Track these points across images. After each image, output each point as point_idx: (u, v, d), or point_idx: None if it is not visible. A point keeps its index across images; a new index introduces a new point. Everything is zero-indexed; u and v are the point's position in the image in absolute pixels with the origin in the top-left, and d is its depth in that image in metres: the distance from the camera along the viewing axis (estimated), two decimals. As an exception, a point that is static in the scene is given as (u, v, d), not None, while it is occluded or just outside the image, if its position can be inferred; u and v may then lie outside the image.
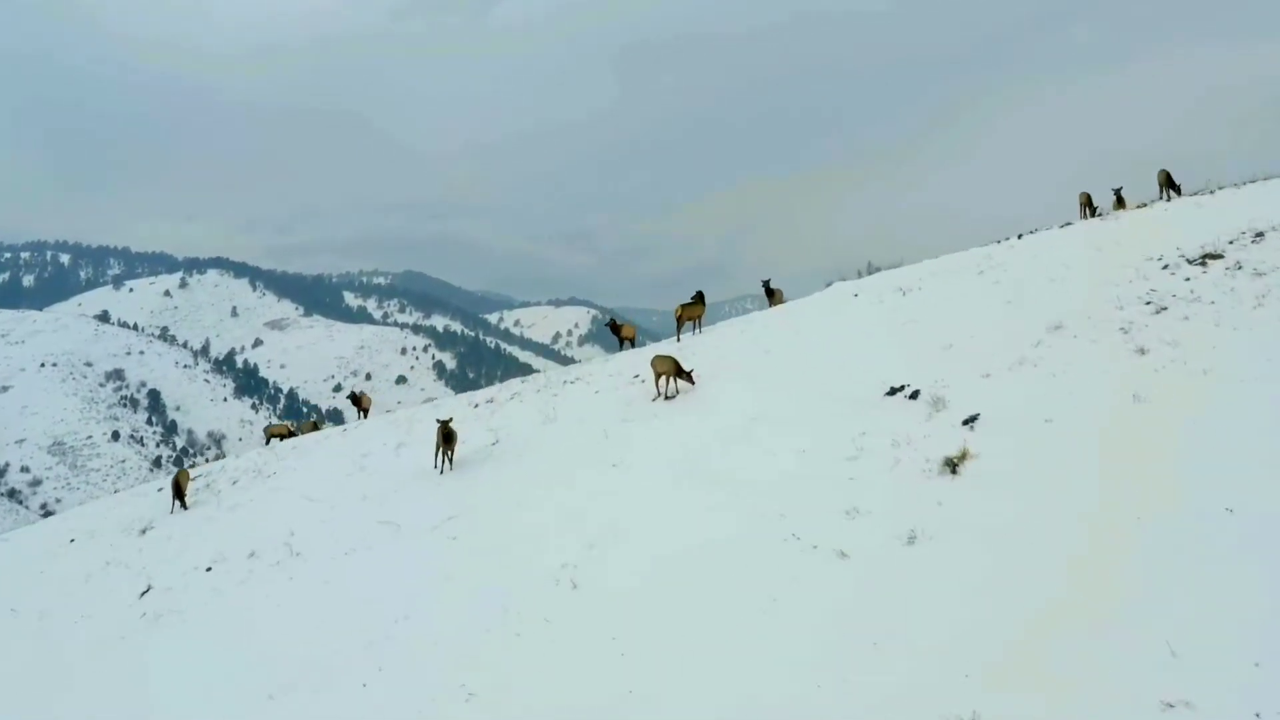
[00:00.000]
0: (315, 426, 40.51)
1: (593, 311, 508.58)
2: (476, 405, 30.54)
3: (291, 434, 40.37)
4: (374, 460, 27.28)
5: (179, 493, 28.03)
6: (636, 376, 27.10)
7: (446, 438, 23.92)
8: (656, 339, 37.58)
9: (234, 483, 29.90)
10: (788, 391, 21.72)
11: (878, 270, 35.02)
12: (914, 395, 19.63)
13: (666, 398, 24.29)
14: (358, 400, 41.42)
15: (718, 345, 27.83)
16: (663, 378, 24.58)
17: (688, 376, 24.11)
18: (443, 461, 24.25)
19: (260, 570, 20.85)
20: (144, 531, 26.58)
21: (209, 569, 21.97)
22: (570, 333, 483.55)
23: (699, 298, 31.72)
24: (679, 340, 31.40)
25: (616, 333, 36.28)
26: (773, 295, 35.84)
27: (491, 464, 23.57)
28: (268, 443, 40.32)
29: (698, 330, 32.27)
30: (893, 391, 20.11)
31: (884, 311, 25.97)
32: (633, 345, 36.92)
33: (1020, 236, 31.33)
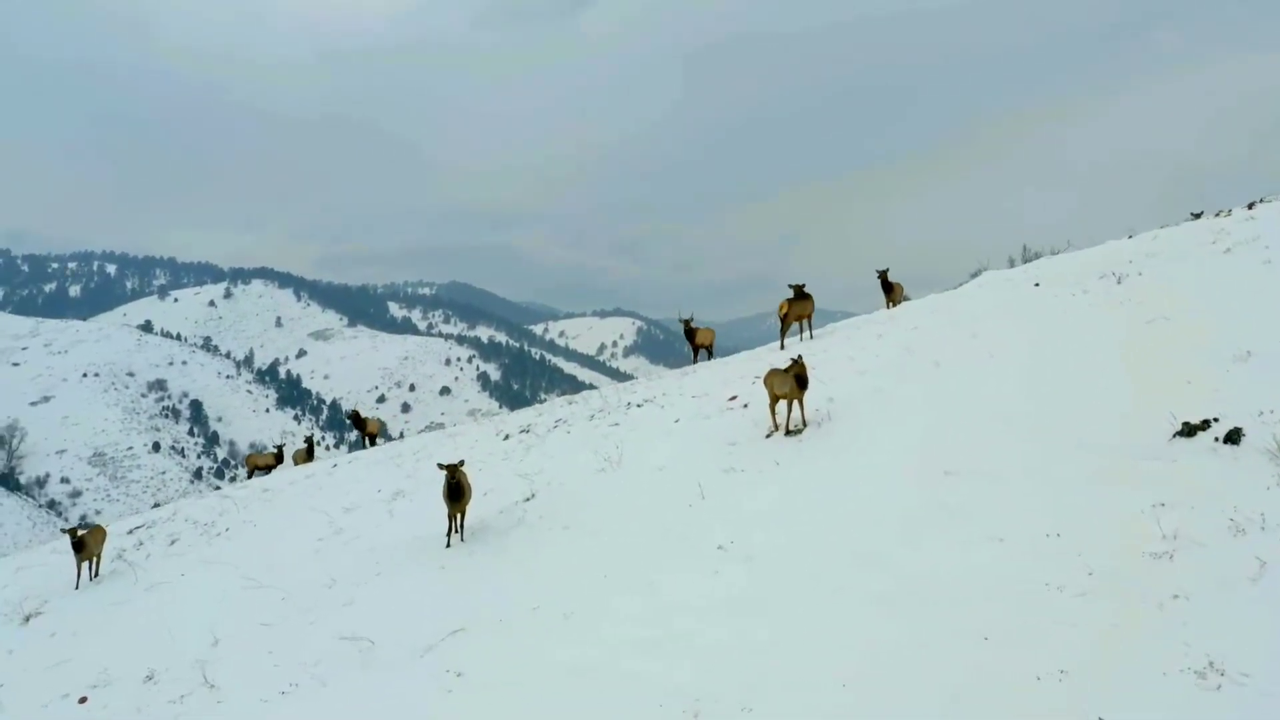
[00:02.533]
0: (309, 453, 32.42)
1: (638, 322, 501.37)
2: (507, 437, 22.43)
3: (276, 463, 32.36)
4: (358, 518, 19.18)
5: (84, 553, 19.95)
6: (734, 399, 18.98)
7: (453, 493, 15.75)
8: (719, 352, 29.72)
9: (172, 542, 21.83)
10: (990, 429, 13.44)
11: (1036, 255, 26.57)
12: (1233, 437, 11.38)
13: (789, 432, 16.04)
14: (360, 422, 33.31)
15: (847, 355, 19.58)
16: (782, 403, 16.42)
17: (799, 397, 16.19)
18: (450, 528, 16.08)
19: (153, 710, 12.73)
20: (28, 619, 18.44)
21: (82, 699, 13.87)
22: (615, 344, 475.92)
23: (803, 292, 23.32)
24: (783, 347, 23.14)
25: (691, 338, 28.14)
26: (891, 290, 27.63)
27: (522, 535, 15.49)
28: (250, 475, 32.37)
29: (807, 333, 23.90)
30: (1189, 431, 12.01)
31: (1099, 305, 17.71)
32: (709, 355, 28.78)
33: (1251, 206, 22.69)
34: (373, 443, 33.03)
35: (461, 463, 16.25)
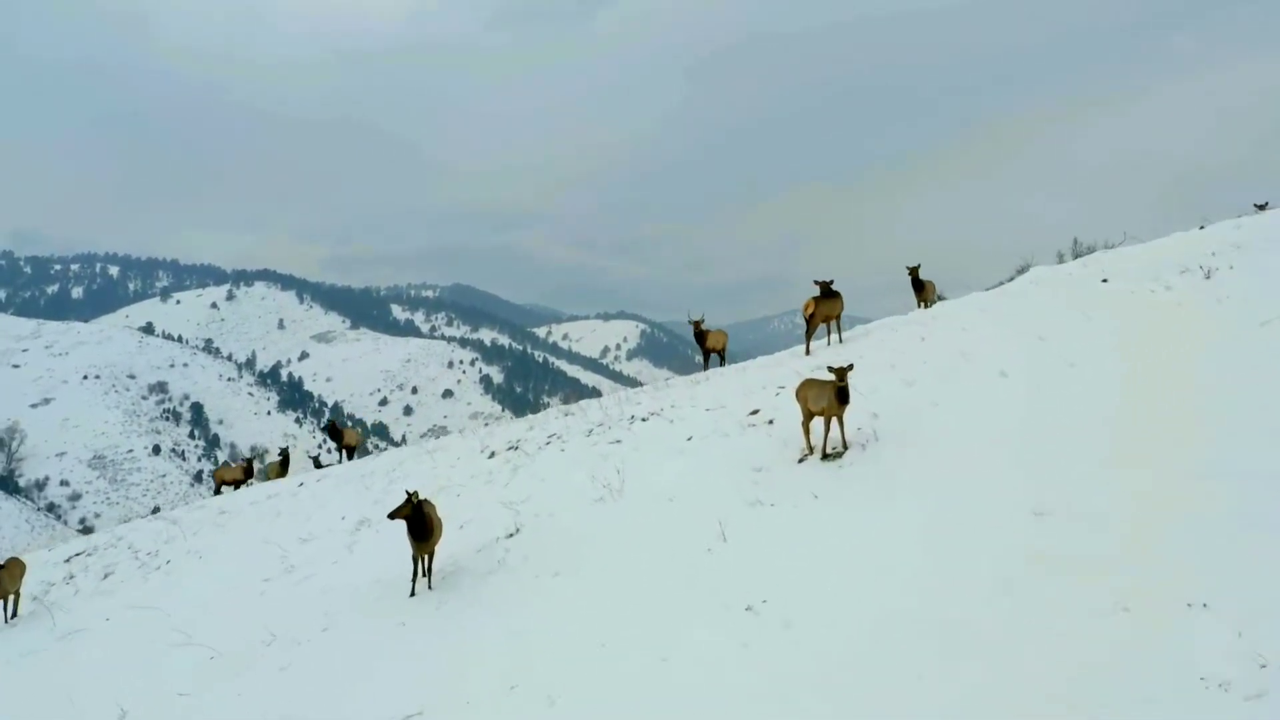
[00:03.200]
0: (284, 466, 29.57)
1: (641, 325, 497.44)
2: (493, 454, 19.56)
3: (246, 478, 29.53)
4: (315, 552, 16.39)
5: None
6: (755, 413, 16.12)
7: (417, 531, 12.94)
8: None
9: (105, 576, 19.02)
10: (1086, 456, 10.71)
11: (1089, 250, 23.71)
12: None
13: (826, 456, 13.23)
14: (337, 433, 30.51)
15: (887, 361, 16.68)
16: (818, 421, 13.63)
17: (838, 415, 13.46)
18: (416, 572, 13.25)
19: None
20: (-80, 672, 15.59)
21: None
22: (619, 346, 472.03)
23: (831, 290, 20.47)
24: (808, 352, 20.26)
25: (701, 341, 25.31)
26: (923, 288, 24.83)
27: (503, 582, 12.69)
28: (217, 490, 29.54)
29: (835, 335, 21.03)
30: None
31: (1190, 304, 14.95)
32: (722, 360, 25.94)
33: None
34: (350, 455, 30.23)
35: (415, 495, 13.37)
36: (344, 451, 30.34)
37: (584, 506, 14.24)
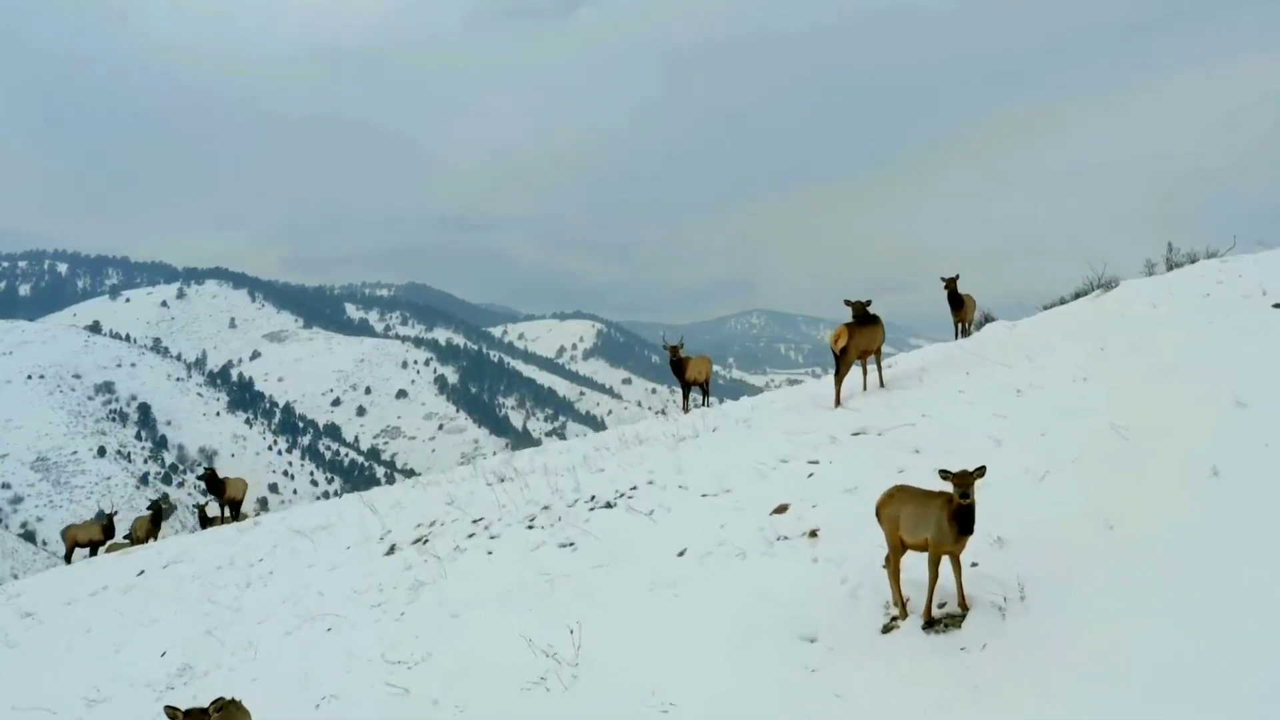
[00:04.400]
0: (154, 522, 23.63)
1: (598, 325, 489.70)
2: (392, 549, 13.59)
3: (104, 537, 23.56)
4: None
5: None
6: (782, 511, 10.45)
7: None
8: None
9: None
10: None
11: (1190, 259, 18.08)
12: None
13: (931, 623, 7.53)
14: (217, 484, 24.47)
15: (982, 430, 10.81)
16: (914, 555, 7.97)
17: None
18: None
19: None
20: None
21: None
22: (575, 346, 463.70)
23: (868, 314, 14.70)
24: (838, 402, 14.31)
25: (679, 372, 19.83)
26: (962, 306, 19.38)
27: None
28: (68, 555, 23.49)
29: (875, 378, 15.16)
30: None
31: None
32: (705, 395, 20.36)
33: None
34: (235, 511, 24.18)
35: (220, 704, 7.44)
36: (225, 507, 24.31)
37: (511, 695, 8.37)
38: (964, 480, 7.47)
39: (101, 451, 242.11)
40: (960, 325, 20.17)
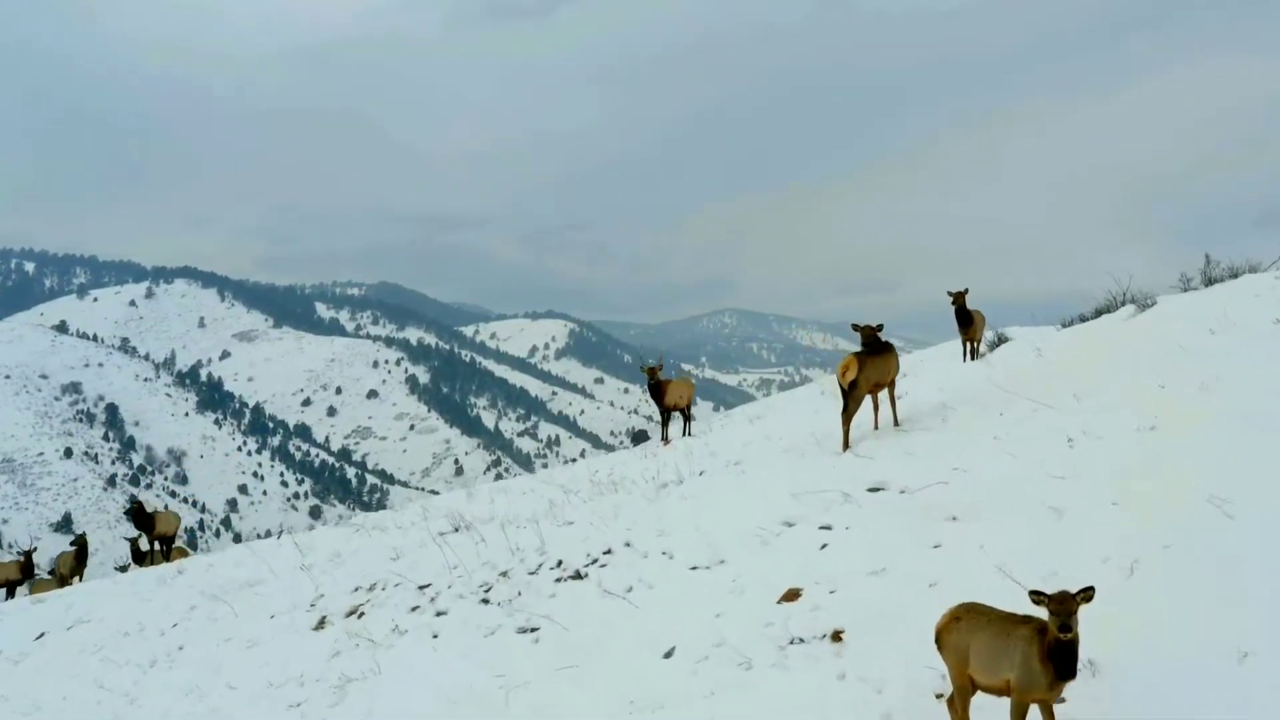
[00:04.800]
0: (79, 558, 21.37)
1: (570, 324, 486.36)
2: (323, 622, 11.39)
3: (22, 577, 21.30)
4: None
5: None
6: (792, 599, 8.39)
7: None
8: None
9: None
10: None
11: (1231, 274, 16.13)
12: None
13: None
14: (145, 519, 22.15)
15: (1036, 497, 8.74)
16: (982, 699, 5.80)
17: None
18: None
19: None
20: None
21: None
22: (548, 346, 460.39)
23: (879, 341, 12.65)
24: (846, 445, 12.20)
25: (658, 396, 17.89)
26: (971, 323, 17.59)
27: None
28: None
29: (889, 412, 13.11)
30: None
31: None
32: (686, 420, 18.41)
33: None
34: (166, 548, 21.94)
35: None
36: (156, 543, 22.05)
37: None
38: (1065, 607, 5.43)
39: (68, 453, 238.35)
40: (970, 345, 18.23)
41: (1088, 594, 5.55)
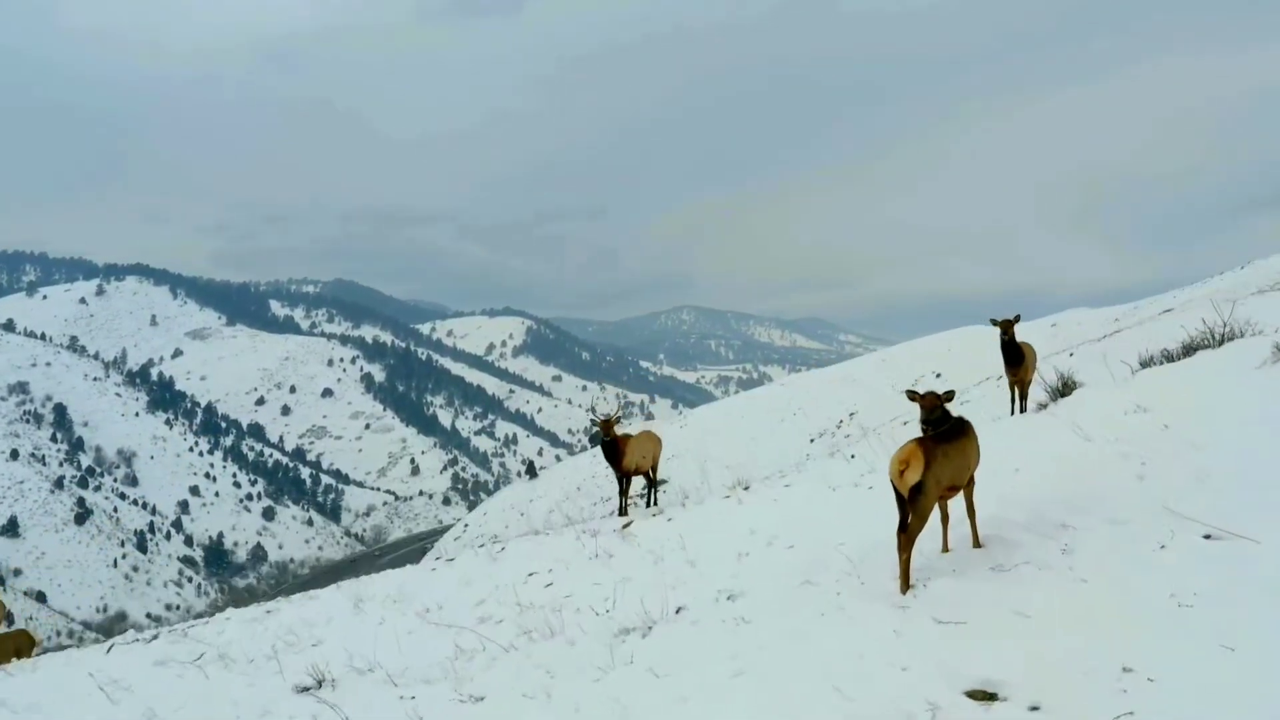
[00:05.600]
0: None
1: (528, 322, 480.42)
2: None
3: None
4: None
5: None
6: None
7: None
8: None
9: None
10: None
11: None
12: None
13: None
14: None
15: None
16: None
17: None
18: None
19: None
20: None
21: None
22: (505, 344, 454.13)
23: (946, 414, 8.35)
24: (907, 586, 7.82)
25: (614, 456, 13.59)
26: (1021, 359, 13.46)
27: None
28: None
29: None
30: None
31: None
32: (652, 489, 14.26)
33: None
34: None
35: None
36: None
37: None
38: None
39: (14, 454, 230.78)
40: (1018, 390, 13.99)
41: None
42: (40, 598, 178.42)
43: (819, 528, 10.11)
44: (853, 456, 13.59)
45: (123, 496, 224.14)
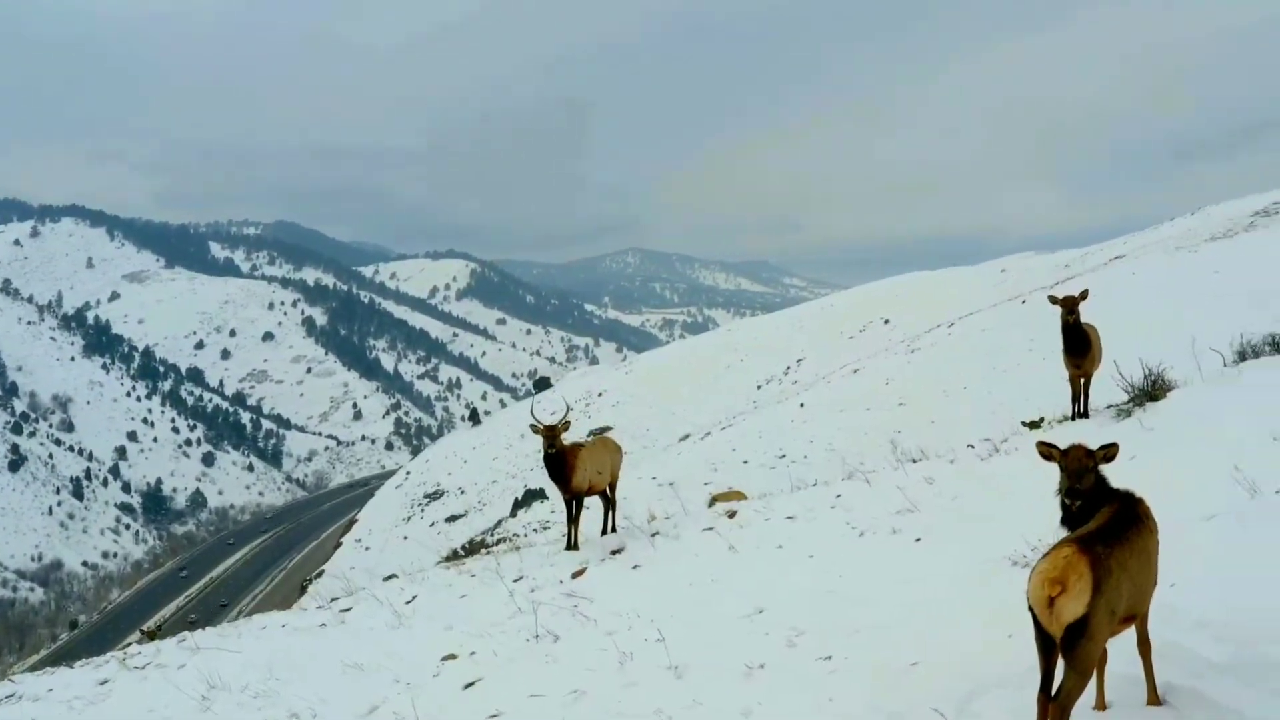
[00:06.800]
0: None
1: (471, 264, 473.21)
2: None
3: None
4: None
5: None
6: None
7: None
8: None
9: None
10: None
11: None
12: None
13: None
14: None
15: None
16: None
17: None
18: None
19: None
20: None
21: None
22: (449, 286, 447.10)
23: (1107, 489, 5.03)
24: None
25: (560, 474, 10.09)
26: (1089, 346, 10.04)
27: None
28: None
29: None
30: None
31: None
32: (610, 512, 10.81)
33: None
34: None
35: None
36: None
37: None
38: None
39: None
40: (1080, 385, 10.75)
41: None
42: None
43: (859, 613, 6.83)
44: (869, 481, 10.36)
45: (58, 443, 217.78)
